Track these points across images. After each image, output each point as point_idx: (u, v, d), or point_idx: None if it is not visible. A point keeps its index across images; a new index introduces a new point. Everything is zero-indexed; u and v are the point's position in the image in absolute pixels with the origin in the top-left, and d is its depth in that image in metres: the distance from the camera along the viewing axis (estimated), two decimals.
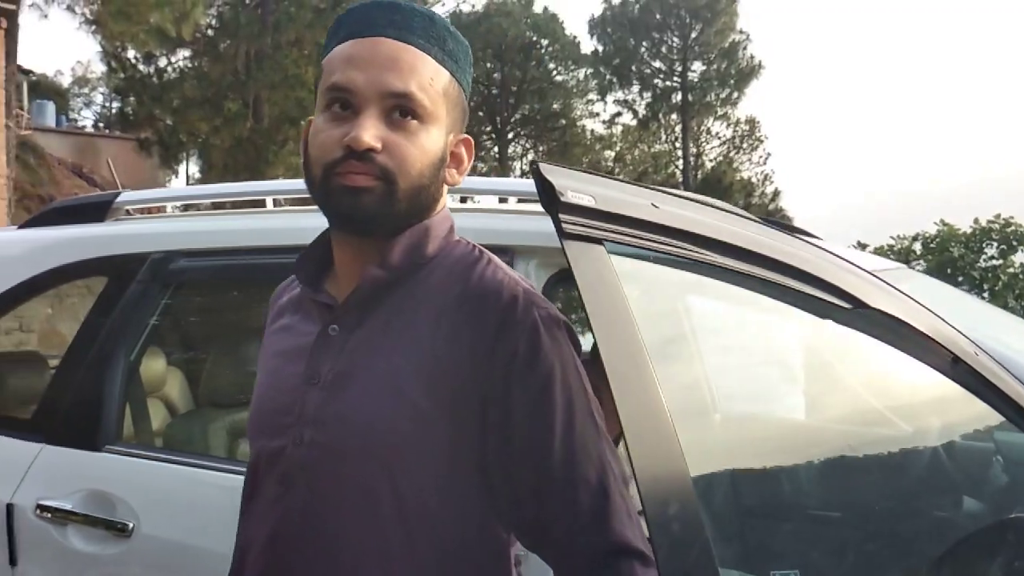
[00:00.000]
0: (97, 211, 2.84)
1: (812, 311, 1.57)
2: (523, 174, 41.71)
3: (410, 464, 1.19)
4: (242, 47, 19.35)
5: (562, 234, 1.23)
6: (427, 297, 1.25)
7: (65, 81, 45.72)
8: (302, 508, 1.23)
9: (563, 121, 40.20)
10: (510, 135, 40.62)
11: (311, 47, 18.85)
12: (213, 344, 3.52)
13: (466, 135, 1.33)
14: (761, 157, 42.52)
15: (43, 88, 38.12)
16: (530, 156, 40.62)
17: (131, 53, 20.35)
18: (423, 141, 1.22)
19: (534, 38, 39.31)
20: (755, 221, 1.76)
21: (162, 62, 20.64)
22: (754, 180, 42.07)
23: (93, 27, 16.65)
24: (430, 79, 1.23)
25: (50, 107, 32.17)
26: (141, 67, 20.46)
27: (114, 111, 31.00)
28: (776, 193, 41.93)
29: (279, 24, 19.15)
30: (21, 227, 2.97)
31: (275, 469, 1.27)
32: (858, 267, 1.63)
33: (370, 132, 1.18)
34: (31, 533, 2.38)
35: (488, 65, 38.46)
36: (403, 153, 1.20)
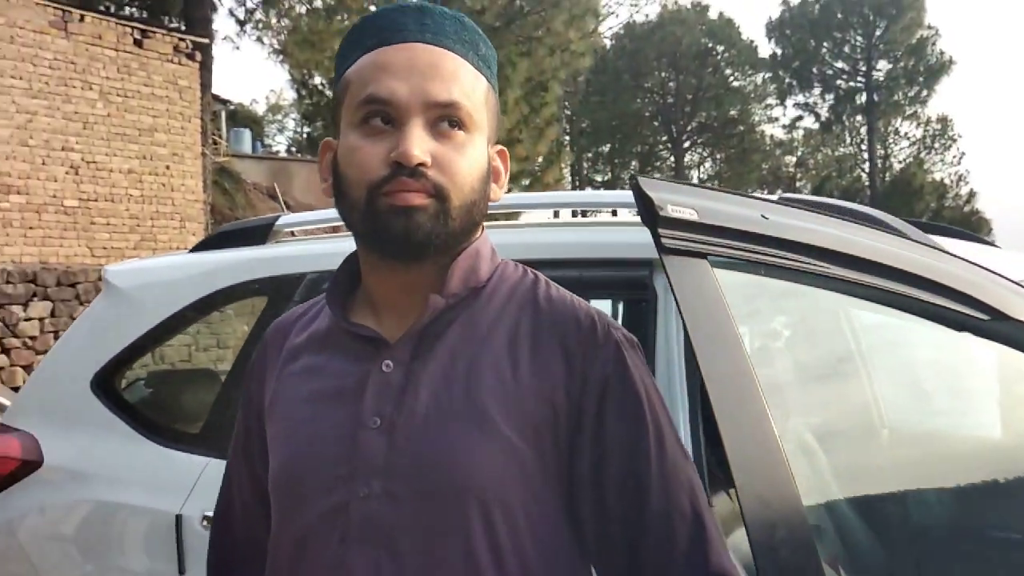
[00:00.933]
0: (259, 234, 2.97)
1: (943, 322, 1.48)
2: (701, 183, 41.18)
3: (507, 503, 1.08)
4: None
5: (661, 249, 1.21)
6: (493, 325, 1.15)
7: (260, 109, 48.30)
8: (376, 568, 1.08)
9: (741, 127, 39.45)
10: (686, 144, 40.13)
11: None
12: None
13: (501, 146, 1.24)
14: (955, 157, 40.48)
15: (240, 117, 40.39)
16: (707, 165, 40.08)
17: (317, 80, 21.26)
18: (471, 153, 1.12)
19: (709, 44, 38.77)
20: (890, 231, 1.67)
21: None
22: (947, 182, 40.04)
23: (280, 57, 17.53)
24: (472, 86, 1.13)
25: (246, 134, 34.08)
26: (328, 93, 21.33)
27: (304, 136, 32.48)
28: (971, 195, 39.79)
29: None
30: (191, 251, 3.14)
31: (334, 530, 1.10)
32: (1002, 276, 1.53)
33: (420, 146, 1.07)
34: (198, 543, 2.50)
35: (663, 74, 38.18)
36: (454, 167, 1.10)
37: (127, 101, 12.94)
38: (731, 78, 39.57)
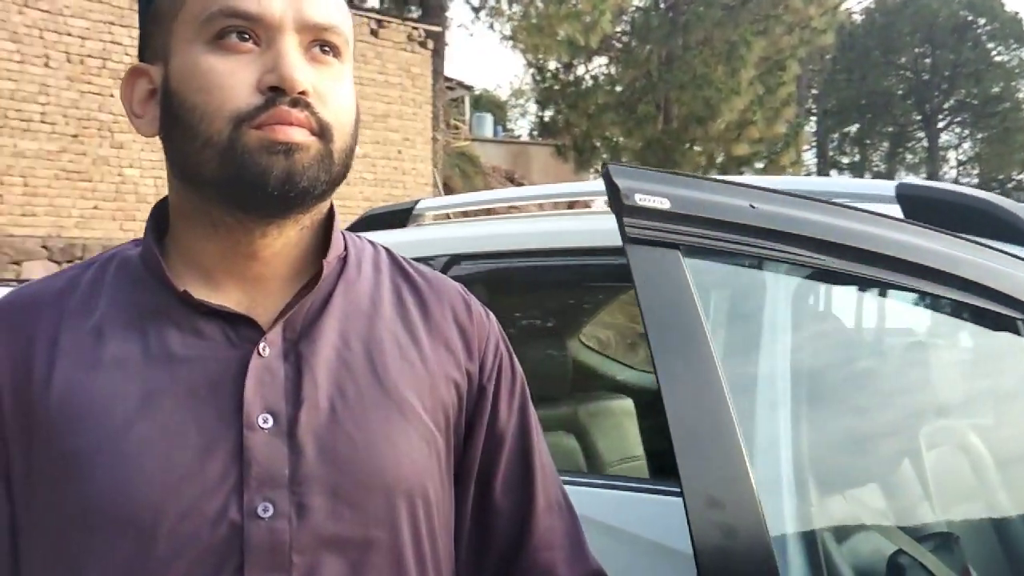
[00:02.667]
0: (401, 218, 3.10)
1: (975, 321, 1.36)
2: (959, 165, 38.60)
3: (427, 500, 0.95)
4: (653, 50, 19.77)
5: (624, 238, 1.19)
6: (374, 296, 0.99)
7: (503, 94, 49.56)
8: None
9: (1004, 105, 36.62)
10: (941, 124, 37.73)
11: (720, 44, 18.82)
12: None
13: None
14: None
15: (484, 102, 41.65)
16: (965, 146, 37.52)
17: (552, 64, 21.57)
18: (348, 87, 0.94)
19: (969, 17, 36.20)
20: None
21: (580, 71, 21.67)
22: None
23: (511, 43, 17.88)
24: (346, 9, 0.95)
25: (488, 119, 35.13)
26: (561, 77, 21.61)
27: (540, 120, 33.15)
28: None
29: (688, 25, 19.32)
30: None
31: (223, 566, 0.85)
32: None
33: (303, 70, 0.88)
34: None
35: (917, 50, 36.02)
36: (336, 101, 0.91)
37: (362, 89, 13.61)
38: (993, 52, 36.81)
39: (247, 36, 0.88)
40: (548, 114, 22.84)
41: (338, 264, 0.98)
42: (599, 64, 21.74)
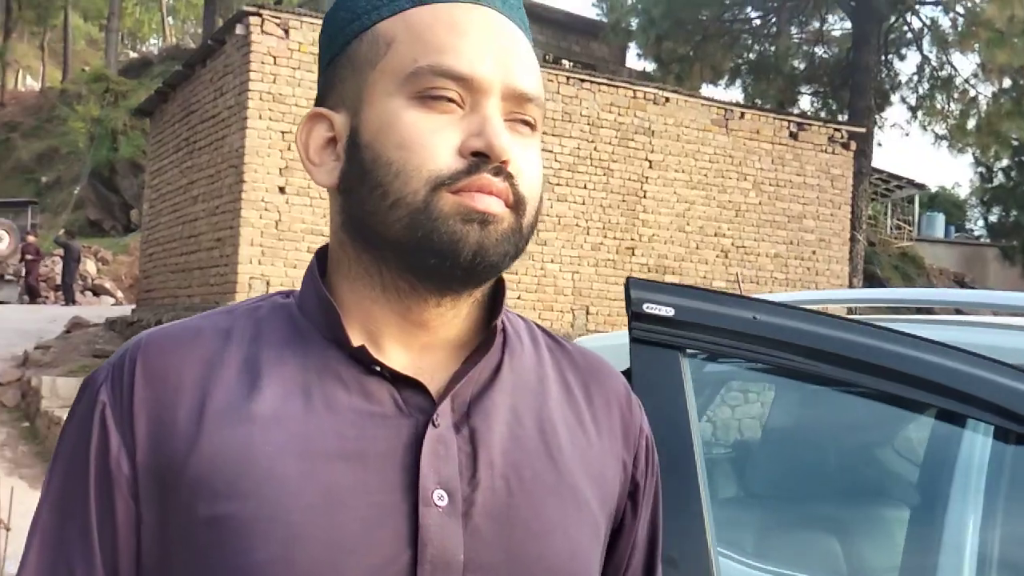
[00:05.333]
0: None
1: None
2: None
3: None
4: None
5: (631, 339, 1.44)
6: (538, 371, 0.93)
7: (963, 192, 46.56)
8: None
9: None
10: None
11: None
12: None
13: None
14: None
15: (940, 201, 39.53)
16: None
17: (1004, 162, 20.20)
18: (539, 160, 0.89)
19: None
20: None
21: None
22: None
23: (945, 142, 17.10)
24: (541, 78, 0.90)
25: (939, 219, 33.32)
26: (1012, 175, 20.14)
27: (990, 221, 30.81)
28: None
29: None
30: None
31: None
32: None
33: (508, 138, 0.83)
34: None
35: None
36: (529, 173, 0.86)
37: (779, 190, 13.79)
38: None
39: (452, 96, 0.83)
40: (994, 215, 21.33)
41: (501, 334, 0.91)
42: None
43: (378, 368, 0.83)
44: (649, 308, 1.44)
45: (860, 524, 3.33)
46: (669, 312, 1.43)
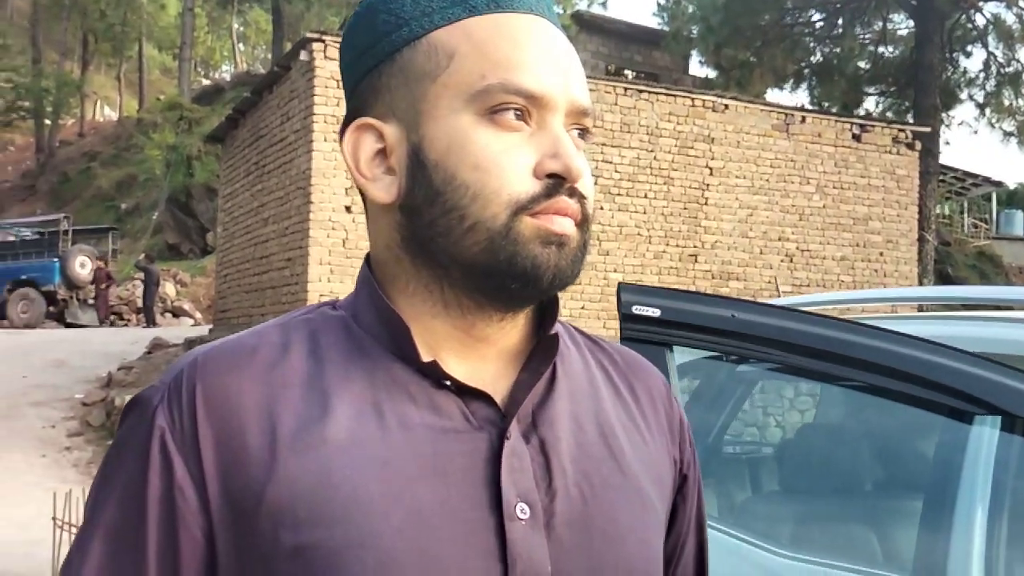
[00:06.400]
0: None
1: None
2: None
3: None
4: None
5: (621, 338, 1.60)
6: (587, 374, 0.93)
7: None
8: None
9: None
10: None
11: None
12: None
13: None
14: None
15: (1019, 198, 38.69)
16: None
17: None
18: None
19: None
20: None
21: None
22: None
23: (1014, 139, 16.80)
24: None
25: (1018, 216, 32.64)
26: None
27: None
28: None
29: None
30: None
31: None
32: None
33: (582, 158, 0.83)
34: None
35: None
36: (591, 189, 0.85)
37: (842, 192, 13.71)
38: None
39: (520, 113, 0.82)
40: None
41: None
42: None
43: (447, 382, 0.82)
44: (638, 310, 1.59)
45: (837, 508, 3.41)
46: (656, 313, 1.59)
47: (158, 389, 0.82)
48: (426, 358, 0.82)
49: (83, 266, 21.85)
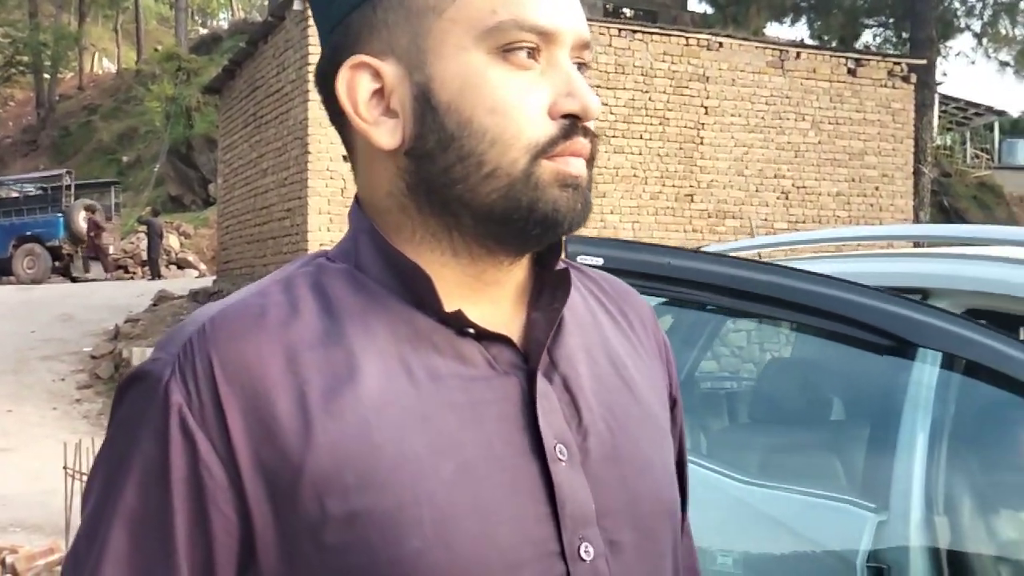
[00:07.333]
0: None
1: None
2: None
3: (676, 519, 0.90)
4: None
5: None
6: (586, 306, 0.92)
7: None
8: None
9: None
10: None
11: None
12: None
13: None
14: None
15: (1023, 127, 38.46)
16: None
17: None
18: None
19: None
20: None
21: None
22: None
23: (1009, 68, 16.75)
24: None
25: (1020, 145, 32.45)
26: None
27: None
28: None
29: None
30: None
31: None
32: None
33: (595, 96, 0.80)
34: None
35: None
36: (592, 124, 0.82)
37: (838, 128, 13.75)
38: None
39: (531, 50, 0.78)
40: None
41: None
42: None
43: (470, 330, 0.80)
44: (583, 260, 1.74)
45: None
46: (599, 262, 1.73)
47: (165, 362, 0.75)
48: (448, 307, 0.79)
49: (86, 221, 22.00)
